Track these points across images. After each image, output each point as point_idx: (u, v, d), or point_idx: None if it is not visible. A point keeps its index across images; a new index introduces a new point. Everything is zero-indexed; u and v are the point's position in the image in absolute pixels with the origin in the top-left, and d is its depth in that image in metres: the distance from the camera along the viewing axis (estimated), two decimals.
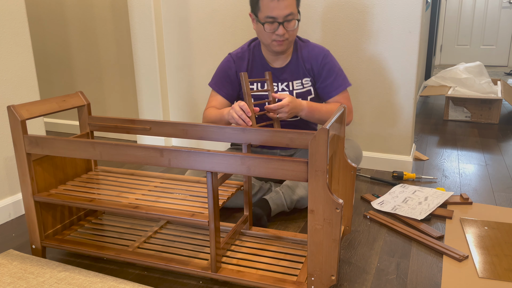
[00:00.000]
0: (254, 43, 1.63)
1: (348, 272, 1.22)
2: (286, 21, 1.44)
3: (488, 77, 3.27)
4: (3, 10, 1.50)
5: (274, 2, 1.42)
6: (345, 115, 1.20)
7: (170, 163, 1.05)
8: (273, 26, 1.45)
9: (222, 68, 1.60)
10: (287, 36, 1.47)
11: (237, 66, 1.59)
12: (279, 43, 1.48)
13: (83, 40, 2.59)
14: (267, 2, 1.42)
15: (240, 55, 1.60)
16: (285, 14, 1.42)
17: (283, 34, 1.45)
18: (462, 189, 1.81)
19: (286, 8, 1.42)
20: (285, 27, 1.45)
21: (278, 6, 1.41)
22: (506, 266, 1.23)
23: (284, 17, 1.43)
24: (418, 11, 1.81)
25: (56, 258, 1.30)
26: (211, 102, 1.60)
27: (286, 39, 1.47)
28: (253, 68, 1.60)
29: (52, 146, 1.15)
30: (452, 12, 5.69)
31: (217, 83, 1.60)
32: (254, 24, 1.52)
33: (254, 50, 1.60)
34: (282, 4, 1.41)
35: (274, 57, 1.58)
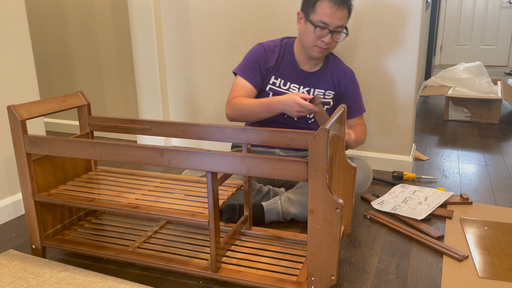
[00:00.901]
0: (286, 40, 1.61)
1: (348, 272, 1.22)
2: (336, 32, 1.46)
3: (488, 77, 3.27)
4: (3, 10, 1.50)
5: (333, 9, 1.42)
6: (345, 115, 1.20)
7: (170, 163, 1.05)
8: (323, 32, 1.45)
9: (253, 56, 1.57)
10: (330, 46, 1.48)
11: (267, 57, 1.57)
12: (320, 49, 1.48)
13: (83, 40, 2.59)
14: (326, 8, 1.42)
15: (272, 48, 1.58)
16: (338, 25, 1.44)
17: (329, 43, 1.46)
18: (462, 189, 1.81)
19: (340, 19, 1.44)
20: (333, 36, 1.46)
21: (334, 15, 1.42)
22: (506, 266, 1.23)
23: (336, 27, 1.44)
24: (418, 11, 1.81)
25: (56, 258, 1.30)
26: (238, 90, 1.55)
27: (327, 48, 1.48)
28: (281, 64, 1.58)
29: (52, 146, 1.15)
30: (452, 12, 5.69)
31: (246, 71, 1.57)
32: (300, 23, 1.51)
33: (285, 47, 1.59)
34: (339, 14, 1.43)
35: (305, 60, 1.57)
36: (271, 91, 1.57)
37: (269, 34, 2.07)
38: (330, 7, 1.42)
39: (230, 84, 2.23)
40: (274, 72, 1.57)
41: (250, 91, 1.55)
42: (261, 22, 2.08)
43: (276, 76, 1.57)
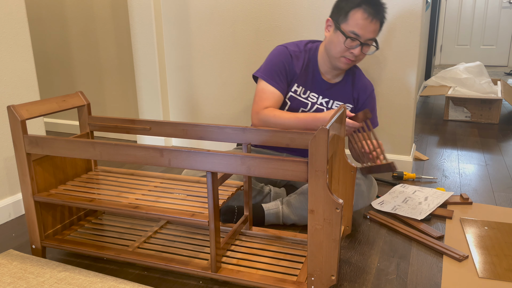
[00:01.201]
0: (310, 45, 1.53)
1: (348, 272, 1.22)
2: (366, 45, 1.41)
3: (488, 77, 3.27)
4: (3, 10, 1.50)
5: (367, 21, 1.36)
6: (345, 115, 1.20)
7: (170, 163, 1.05)
8: (353, 44, 1.39)
9: (279, 60, 1.48)
10: (357, 59, 1.43)
11: (293, 64, 1.49)
12: (347, 61, 1.43)
13: (83, 40, 2.59)
14: (360, 19, 1.36)
15: (297, 53, 1.50)
16: (369, 37, 1.39)
17: (357, 55, 1.41)
18: (462, 189, 1.81)
19: (372, 32, 1.39)
20: (363, 49, 1.41)
21: (367, 27, 1.37)
22: (506, 266, 1.23)
23: (367, 39, 1.39)
24: (418, 11, 1.81)
25: (56, 258, 1.30)
26: (267, 99, 1.46)
27: (355, 60, 1.44)
28: (303, 72, 1.51)
29: (52, 146, 1.15)
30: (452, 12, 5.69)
31: (272, 76, 1.47)
32: (328, 30, 1.45)
33: (310, 54, 1.51)
34: (372, 27, 1.38)
35: (328, 70, 1.51)
36: (290, 100, 1.51)
37: (269, 34, 2.07)
38: (364, 18, 1.36)
39: (230, 84, 2.23)
40: (297, 80, 1.51)
41: (278, 99, 1.47)
42: (261, 22, 2.08)
43: (298, 84, 1.51)
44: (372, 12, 1.36)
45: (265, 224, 1.46)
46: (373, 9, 1.36)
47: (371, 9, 1.36)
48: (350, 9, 1.38)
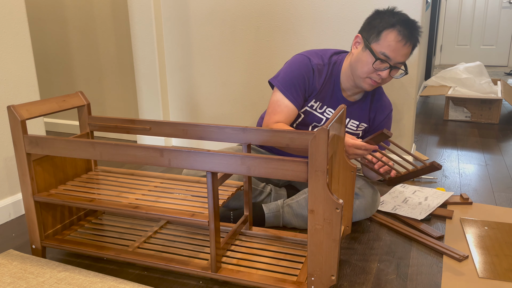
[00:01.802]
0: (335, 57, 1.44)
1: (348, 272, 1.22)
2: (395, 68, 1.33)
3: (488, 77, 3.27)
4: (3, 10, 1.50)
5: (400, 44, 1.29)
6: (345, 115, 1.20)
7: (170, 163, 1.05)
8: (383, 66, 1.31)
9: (300, 73, 1.38)
10: (384, 81, 1.36)
11: (315, 79, 1.40)
12: (373, 82, 1.35)
13: (83, 40, 2.59)
14: (393, 40, 1.29)
15: (320, 68, 1.41)
16: (400, 61, 1.32)
17: (384, 78, 1.33)
18: (462, 189, 1.81)
19: (404, 56, 1.31)
20: (391, 72, 1.33)
21: (400, 50, 1.29)
22: (506, 266, 1.23)
23: (397, 63, 1.32)
24: (418, 11, 1.81)
25: (56, 258, 1.30)
26: (281, 113, 1.38)
27: (380, 83, 1.36)
28: (324, 87, 1.42)
29: (52, 146, 1.15)
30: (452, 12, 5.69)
31: (290, 89, 1.38)
32: (356, 47, 1.37)
33: (333, 68, 1.42)
34: (404, 51, 1.30)
35: (350, 87, 1.42)
36: (304, 113, 1.45)
37: (269, 34, 2.07)
38: (398, 40, 1.28)
39: (230, 84, 2.23)
40: (316, 96, 1.43)
41: (292, 113, 1.39)
42: (261, 22, 2.08)
43: (316, 99, 1.43)
44: (407, 35, 1.28)
45: (265, 225, 1.46)
46: (408, 32, 1.29)
47: (406, 31, 1.28)
48: (384, 28, 1.30)
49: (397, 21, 1.30)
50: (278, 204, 1.46)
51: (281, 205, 1.46)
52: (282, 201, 1.47)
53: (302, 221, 1.44)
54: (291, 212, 1.44)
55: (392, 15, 1.32)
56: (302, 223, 1.44)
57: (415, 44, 1.34)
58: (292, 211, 1.44)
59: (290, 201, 1.46)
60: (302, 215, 1.43)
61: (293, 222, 1.45)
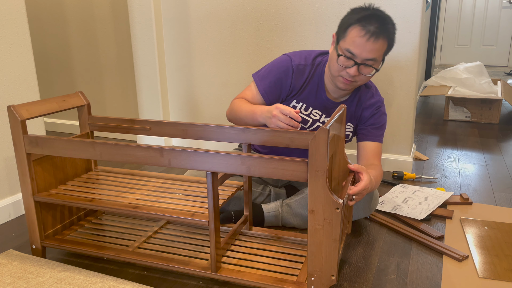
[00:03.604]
0: (320, 58, 1.42)
1: (348, 272, 1.22)
2: (364, 65, 1.26)
3: (488, 77, 3.27)
4: (3, 10, 1.50)
5: (363, 39, 1.22)
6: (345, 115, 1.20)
7: (170, 163, 1.05)
8: (348, 63, 1.26)
9: (278, 72, 1.39)
10: (357, 79, 1.29)
11: (294, 79, 1.39)
12: (345, 81, 1.30)
13: (83, 40, 2.59)
14: (356, 36, 1.23)
15: (302, 67, 1.39)
16: (367, 57, 1.24)
17: (354, 76, 1.27)
18: (462, 189, 1.81)
19: (371, 52, 1.23)
20: (360, 70, 1.27)
21: (364, 46, 1.23)
22: (506, 266, 1.23)
23: (364, 59, 1.24)
24: (418, 11, 1.81)
25: (56, 258, 1.30)
26: (247, 95, 1.41)
27: (354, 81, 1.30)
28: (307, 88, 1.40)
29: (52, 146, 1.15)
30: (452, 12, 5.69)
31: (264, 83, 1.40)
32: (332, 46, 1.33)
33: (317, 69, 1.40)
34: (370, 46, 1.23)
35: (333, 88, 1.39)
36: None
37: (269, 34, 2.07)
38: (361, 36, 1.22)
39: (230, 84, 2.23)
40: (296, 96, 1.42)
41: (258, 102, 1.41)
42: (261, 22, 2.08)
43: (298, 100, 1.42)
44: (372, 30, 1.22)
45: (265, 225, 1.46)
46: (374, 27, 1.22)
47: (371, 26, 1.22)
48: (349, 25, 1.26)
49: (363, 16, 1.24)
50: (277, 204, 1.46)
51: (280, 205, 1.46)
52: (281, 201, 1.47)
53: (301, 220, 1.44)
54: (290, 212, 1.44)
55: (361, 10, 1.27)
56: (302, 222, 1.44)
57: (388, 40, 1.26)
58: (291, 210, 1.44)
59: (289, 201, 1.46)
60: (301, 214, 1.43)
61: (293, 222, 1.45)
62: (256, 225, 1.45)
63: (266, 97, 1.40)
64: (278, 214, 1.45)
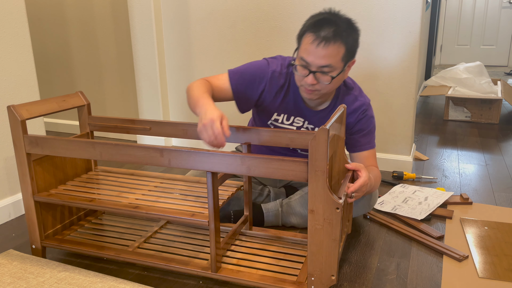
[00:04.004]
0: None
1: (348, 272, 1.22)
2: (320, 72, 1.18)
3: (488, 77, 3.27)
4: (3, 10, 1.50)
5: (313, 46, 1.16)
6: (345, 115, 1.20)
7: (170, 163, 1.05)
8: (304, 72, 1.20)
9: (253, 75, 1.33)
10: (318, 88, 1.22)
11: (268, 86, 1.33)
12: (306, 91, 1.24)
13: (83, 40, 2.59)
14: (307, 43, 1.17)
15: (277, 75, 1.32)
16: (321, 64, 1.17)
17: (313, 85, 1.20)
18: (462, 189, 1.81)
19: (324, 58, 1.16)
20: (317, 78, 1.19)
21: (316, 53, 1.16)
22: (506, 266, 1.23)
23: (319, 67, 1.17)
24: (418, 11, 1.81)
25: (56, 258, 1.30)
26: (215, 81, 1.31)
27: (317, 90, 1.22)
28: (285, 98, 1.34)
29: (52, 146, 1.15)
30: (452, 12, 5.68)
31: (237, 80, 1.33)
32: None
33: (291, 77, 1.34)
34: (321, 52, 1.15)
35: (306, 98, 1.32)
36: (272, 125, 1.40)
37: (269, 34, 2.07)
38: (311, 42, 1.16)
39: None
40: (276, 109, 1.37)
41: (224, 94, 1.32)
42: (261, 22, 2.08)
43: (278, 112, 1.37)
44: (323, 35, 1.14)
45: (265, 225, 1.46)
46: (326, 32, 1.15)
47: (322, 32, 1.15)
48: (303, 32, 1.20)
49: (315, 22, 1.18)
50: (277, 203, 1.46)
51: (280, 204, 1.46)
52: (281, 201, 1.47)
53: (301, 219, 1.44)
54: (290, 211, 1.44)
55: (315, 16, 1.21)
56: (301, 221, 1.44)
57: (344, 43, 1.17)
58: (291, 209, 1.44)
59: (288, 200, 1.46)
60: (301, 213, 1.43)
61: (293, 221, 1.45)
62: (256, 225, 1.45)
63: (235, 93, 1.33)
64: (278, 214, 1.45)
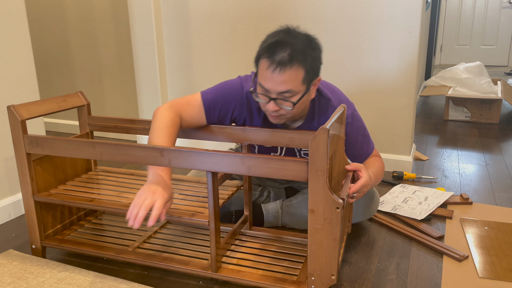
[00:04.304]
0: None
1: (348, 272, 1.22)
2: (281, 99, 1.09)
3: (488, 77, 3.27)
4: (3, 10, 1.50)
5: (268, 72, 1.06)
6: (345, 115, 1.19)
7: (170, 163, 1.05)
8: (265, 99, 1.11)
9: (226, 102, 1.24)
10: (283, 113, 1.13)
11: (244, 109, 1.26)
12: (272, 117, 1.16)
13: (83, 40, 2.59)
14: (263, 69, 1.07)
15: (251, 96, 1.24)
16: (279, 90, 1.07)
17: (276, 110, 1.12)
18: (462, 189, 1.81)
19: (282, 83, 1.06)
20: (279, 104, 1.10)
21: (272, 79, 1.06)
22: (506, 266, 1.23)
23: (278, 93, 1.08)
24: (418, 11, 1.81)
25: (56, 258, 1.30)
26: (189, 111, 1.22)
27: (282, 115, 1.14)
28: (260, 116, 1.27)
29: (52, 146, 1.15)
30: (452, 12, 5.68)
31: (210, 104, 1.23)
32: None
33: None
34: (278, 78, 1.05)
35: None
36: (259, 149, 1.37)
37: None
38: (267, 68, 1.06)
39: None
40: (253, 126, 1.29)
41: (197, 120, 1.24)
42: (261, 22, 2.08)
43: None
44: (277, 60, 1.04)
45: (265, 225, 1.46)
46: (280, 56, 1.04)
47: (276, 56, 1.05)
48: (259, 56, 1.10)
49: (269, 44, 1.07)
50: (277, 204, 1.46)
51: (280, 206, 1.46)
52: (281, 202, 1.47)
53: (301, 222, 1.43)
54: (290, 213, 1.44)
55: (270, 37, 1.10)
56: (301, 224, 1.44)
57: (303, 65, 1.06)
58: (292, 212, 1.44)
59: (289, 202, 1.46)
60: (301, 216, 1.43)
61: (292, 223, 1.45)
62: (256, 225, 1.45)
63: (209, 122, 1.25)
64: (277, 215, 1.45)
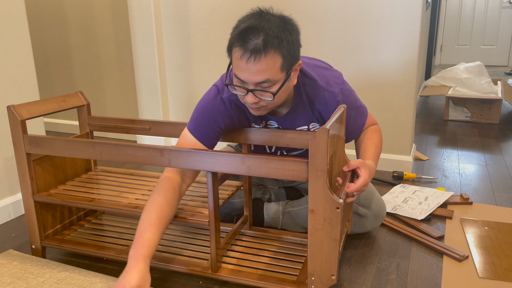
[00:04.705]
0: None
1: (348, 272, 1.22)
2: (260, 90, 1.00)
3: (488, 77, 3.27)
4: (3, 10, 1.50)
5: (242, 62, 0.97)
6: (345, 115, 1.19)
7: (170, 163, 1.05)
8: (242, 91, 1.03)
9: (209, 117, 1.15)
10: (263, 104, 1.05)
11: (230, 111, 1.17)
12: (253, 109, 1.08)
13: (83, 40, 2.59)
14: (237, 58, 0.98)
15: (234, 97, 1.15)
16: (257, 81, 0.98)
17: (256, 102, 1.04)
18: (462, 189, 1.81)
19: (259, 73, 0.97)
20: (258, 95, 1.02)
21: (247, 69, 0.97)
22: (506, 266, 1.23)
23: (255, 84, 0.99)
24: (418, 11, 1.81)
25: (56, 258, 1.30)
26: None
27: (263, 106, 1.06)
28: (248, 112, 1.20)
29: (52, 146, 1.15)
30: (452, 12, 5.68)
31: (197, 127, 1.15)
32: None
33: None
34: (254, 68, 0.96)
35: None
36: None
37: None
38: (239, 58, 0.97)
39: None
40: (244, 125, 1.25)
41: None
42: None
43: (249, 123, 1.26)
44: (251, 48, 0.95)
45: (265, 225, 1.46)
46: (254, 43, 0.95)
47: (249, 44, 0.96)
48: (231, 44, 1.00)
49: (240, 31, 0.98)
50: (278, 208, 1.43)
51: (282, 211, 1.43)
52: (283, 206, 1.44)
53: (301, 230, 1.43)
54: (291, 219, 1.42)
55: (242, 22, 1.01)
56: (302, 231, 1.43)
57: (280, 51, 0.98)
58: (292, 219, 1.42)
59: (291, 208, 1.43)
60: (301, 225, 1.42)
61: (292, 229, 1.44)
62: (256, 224, 1.45)
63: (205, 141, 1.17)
64: (278, 221, 1.44)
